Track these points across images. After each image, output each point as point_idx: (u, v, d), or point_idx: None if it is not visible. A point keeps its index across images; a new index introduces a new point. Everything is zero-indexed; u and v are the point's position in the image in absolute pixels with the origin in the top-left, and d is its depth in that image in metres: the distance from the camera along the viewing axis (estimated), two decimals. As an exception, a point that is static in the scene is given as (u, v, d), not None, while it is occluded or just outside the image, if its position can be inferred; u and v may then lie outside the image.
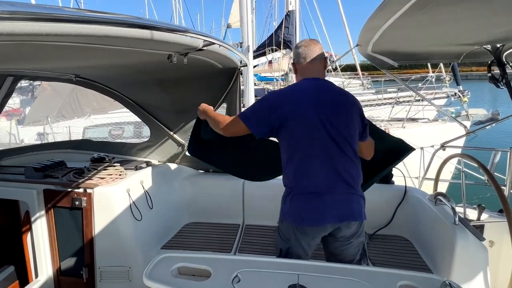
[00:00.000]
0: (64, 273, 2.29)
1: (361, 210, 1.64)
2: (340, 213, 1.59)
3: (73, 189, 2.20)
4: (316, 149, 1.58)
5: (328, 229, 1.63)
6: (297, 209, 1.61)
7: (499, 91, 2.12)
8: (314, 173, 1.58)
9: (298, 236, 1.64)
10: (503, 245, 2.31)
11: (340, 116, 1.61)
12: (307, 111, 1.58)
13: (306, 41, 1.74)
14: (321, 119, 1.57)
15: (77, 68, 2.32)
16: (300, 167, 1.60)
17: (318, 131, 1.57)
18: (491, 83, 2.01)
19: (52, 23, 0.87)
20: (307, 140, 1.58)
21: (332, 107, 1.60)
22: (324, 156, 1.58)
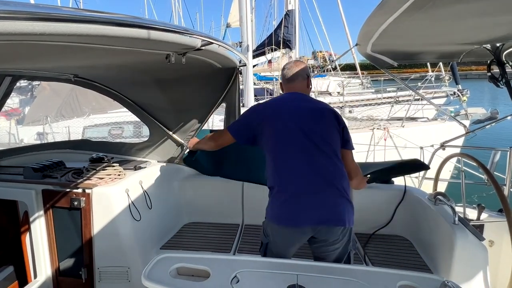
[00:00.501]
0: (63, 274, 2.28)
1: (345, 215, 1.61)
2: (318, 215, 1.59)
3: (72, 189, 2.19)
4: (295, 151, 1.63)
5: (307, 231, 1.62)
6: (275, 209, 1.65)
7: (498, 90, 2.12)
8: (293, 175, 1.62)
9: (274, 234, 1.67)
10: (503, 244, 2.30)
11: (317, 120, 1.69)
12: (285, 118, 1.69)
13: (290, 63, 1.92)
14: (298, 124, 1.66)
15: (75, 68, 2.31)
16: (280, 169, 1.65)
17: (297, 134, 1.64)
18: (490, 83, 2.00)
19: (51, 23, 0.86)
20: (286, 143, 1.65)
21: (309, 113, 1.71)
22: (303, 157, 1.62)
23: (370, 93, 14.05)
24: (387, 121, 7.38)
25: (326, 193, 1.60)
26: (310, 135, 1.64)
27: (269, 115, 1.72)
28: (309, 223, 1.59)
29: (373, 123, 7.16)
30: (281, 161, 1.66)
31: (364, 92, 14.66)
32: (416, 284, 1.35)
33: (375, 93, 13.35)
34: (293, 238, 1.66)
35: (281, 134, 1.67)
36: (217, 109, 2.76)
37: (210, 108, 2.72)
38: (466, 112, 6.82)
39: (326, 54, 29.09)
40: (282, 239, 1.67)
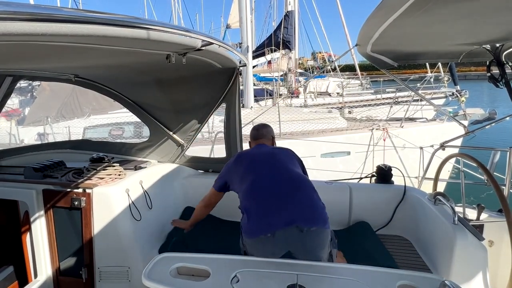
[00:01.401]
0: (63, 273, 2.28)
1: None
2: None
3: (72, 189, 2.19)
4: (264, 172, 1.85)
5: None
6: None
7: (498, 90, 2.12)
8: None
9: None
10: (502, 244, 2.31)
11: (278, 156, 1.95)
12: (250, 160, 1.96)
13: (257, 125, 2.30)
14: (264, 159, 1.93)
15: (76, 68, 2.32)
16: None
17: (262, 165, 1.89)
18: (490, 83, 2.00)
19: (51, 23, 0.87)
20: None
21: (271, 151, 2.01)
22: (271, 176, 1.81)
23: (370, 93, 14.07)
24: (386, 122, 7.39)
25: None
26: (273, 163, 1.91)
27: (238, 161, 2.01)
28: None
29: (372, 123, 7.17)
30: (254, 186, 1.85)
31: (363, 93, 14.68)
32: (415, 284, 1.36)
33: (375, 94, 13.38)
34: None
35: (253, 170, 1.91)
36: (217, 109, 2.76)
37: (210, 108, 2.73)
38: (464, 113, 6.83)
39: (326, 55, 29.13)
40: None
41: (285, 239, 1.62)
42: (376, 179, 2.75)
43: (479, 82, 31.85)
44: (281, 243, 1.63)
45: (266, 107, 7.90)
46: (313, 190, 1.77)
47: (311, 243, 1.64)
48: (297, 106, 11.04)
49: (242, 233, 1.75)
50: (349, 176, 4.37)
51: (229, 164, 2.07)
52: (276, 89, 11.71)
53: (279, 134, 6.51)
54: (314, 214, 1.66)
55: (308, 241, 1.63)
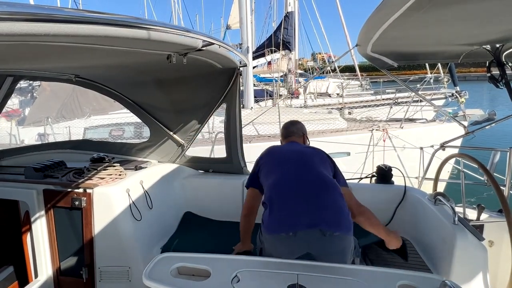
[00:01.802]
0: (64, 273, 2.28)
1: None
2: None
3: (73, 189, 2.20)
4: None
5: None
6: None
7: (497, 91, 2.13)
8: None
9: None
10: (503, 245, 2.31)
11: (308, 156, 1.92)
12: (279, 156, 1.97)
13: (287, 123, 2.30)
14: (293, 156, 1.91)
15: (76, 68, 2.32)
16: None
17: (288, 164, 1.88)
18: (490, 83, 2.01)
19: (51, 24, 0.87)
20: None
21: (301, 150, 1.99)
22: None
23: (369, 94, 14.08)
24: (386, 122, 7.40)
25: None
26: (300, 164, 1.88)
27: (267, 157, 2.01)
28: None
29: (372, 124, 7.18)
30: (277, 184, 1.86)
31: (363, 93, 14.69)
32: (415, 284, 1.36)
33: (374, 95, 13.39)
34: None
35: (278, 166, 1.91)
36: (217, 109, 2.76)
37: (211, 109, 2.73)
38: (464, 114, 6.85)
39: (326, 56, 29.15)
40: None
41: (307, 240, 1.61)
42: (376, 179, 2.75)
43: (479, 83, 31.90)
44: (302, 243, 1.62)
45: (266, 108, 7.90)
46: (340, 196, 1.73)
47: (333, 248, 1.63)
48: (297, 106, 11.05)
49: (262, 228, 1.72)
50: (349, 177, 4.37)
51: (258, 158, 2.06)
52: (276, 90, 11.73)
53: (279, 134, 6.49)
54: (338, 219, 1.63)
55: (329, 246, 1.62)
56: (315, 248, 1.63)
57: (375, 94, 13.47)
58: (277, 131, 6.59)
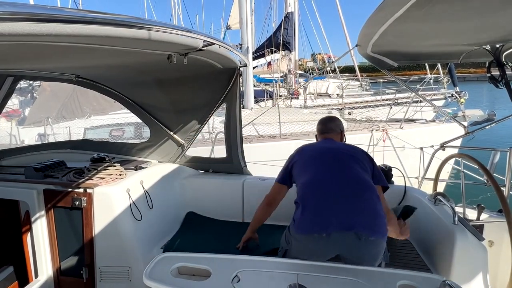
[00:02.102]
0: (64, 273, 2.29)
1: None
2: None
3: (73, 189, 2.20)
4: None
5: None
6: None
7: (497, 92, 2.13)
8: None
9: None
10: (502, 245, 2.31)
11: (345, 154, 1.86)
12: (315, 154, 1.91)
13: (324, 118, 2.21)
14: (329, 155, 1.87)
15: (77, 68, 2.32)
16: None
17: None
18: (490, 83, 2.01)
19: (53, 24, 0.87)
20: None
21: (337, 147, 1.94)
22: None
23: (369, 95, 14.10)
24: (386, 123, 7.41)
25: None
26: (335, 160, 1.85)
27: (301, 155, 1.96)
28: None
29: (372, 124, 7.19)
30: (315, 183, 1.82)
31: (363, 94, 14.71)
32: (416, 284, 1.36)
33: (374, 95, 13.40)
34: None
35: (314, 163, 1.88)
36: (217, 109, 2.77)
37: (211, 109, 2.73)
38: (463, 114, 6.86)
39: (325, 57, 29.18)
40: None
41: (340, 242, 1.58)
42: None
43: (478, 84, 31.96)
44: (334, 245, 1.59)
45: (266, 108, 7.91)
46: (377, 198, 1.68)
47: (367, 252, 1.60)
48: (297, 107, 11.06)
49: (292, 227, 1.67)
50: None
51: (291, 155, 2.00)
52: (276, 90, 11.74)
53: (279, 135, 6.53)
54: (375, 223, 1.59)
55: (363, 250, 1.59)
56: (348, 251, 1.60)
57: (375, 95, 13.48)
58: (277, 132, 6.60)
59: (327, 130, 2.12)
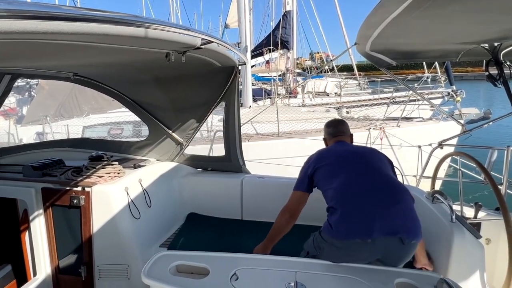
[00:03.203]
0: (62, 272, 2.28)
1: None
2: None
3: (72, 187, 2.19)
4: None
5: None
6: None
7: (493, 91, 2.14)
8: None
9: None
10: (499, 242, 2.32)
11: (370, 157, 1.88)
12: (340, 158, 1.87)
13: (333, 121, 2.24)
14: (354, 158, 1.86)
15: (75, 66, 2.32)
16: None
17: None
18: (488, 82, 2.01)
19: (50, 21, 0.86)
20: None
21: (360, 151, 1.95)
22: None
23: (367, 93, 14.12)
24: (383, 121, 7.43)
25: None
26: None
27: (323, 160, 1.90)
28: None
29: (369, 123, 7.20)
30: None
31: (361, 92, 14.74)
32: (413, 282, 1.37)
33: (372, 94, 13.43)
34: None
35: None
36: (216, 108, 2.77)
37: (209, 107, 2.73)
38: (460, 112, 6.89)
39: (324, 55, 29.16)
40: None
41: (384, 247, 1.57)
42: None
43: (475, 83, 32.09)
44: (378, 250, 1.58)
45: (264, 107, 7.91)
46: (412, 200, 1.71)
47: (406, 255, 1.62)
48: (295, 106, 11.06)
49: (327, 232, 1.63)
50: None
51: (309, 161, 1.93)
52: (274, 89, 11.73)
53: (277, 133, 6.53)
54: (416, 227, 1.62)
55: (404, 253, 1.61)
56: (389, 255, 1.61)
57: (373, 93, 13.52)
58: (275, 130, 6.61)
59: (339, 133, 2.10)
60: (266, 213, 2.66)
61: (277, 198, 2.45)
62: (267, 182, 2.80)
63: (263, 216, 2.68)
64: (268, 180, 2.82)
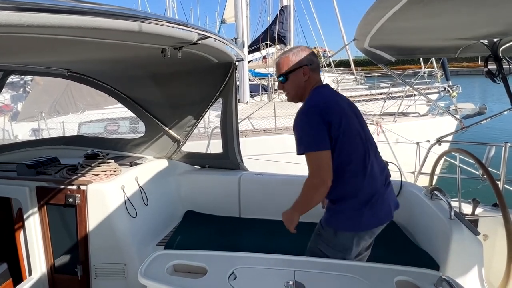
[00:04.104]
0: (58, 271, 2.26)
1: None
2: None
3: (66, 186, 2.17)
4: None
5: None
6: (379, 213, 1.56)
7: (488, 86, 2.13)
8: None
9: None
10: (497, 238, 2.33)
11: (361, 117, 1.67)
12: (350, 116, 1.56)
13: (304, 50, 1.64)
14: (353, 118, 1.59)
15: (69, 63, 2.28)
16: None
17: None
18: (487, 78, 2.00)
19: (34, 14, 0.80)
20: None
21: (350, 104, 1.66)
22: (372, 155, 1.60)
23: (364, 89, 14.12)
24: (380, 116, 7.45)
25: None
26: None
27: (340, 116, 1.51)
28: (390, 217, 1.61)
29: (366, 118, 7.21)
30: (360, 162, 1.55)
31: (357, 88, 14.74)
32: (413, 280, 1.36)
33: (369, 89, 13.43)
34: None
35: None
36: (213, 104, 2.74)
37: (207, 104, 2.70)
38: (455, 108, 6.92)
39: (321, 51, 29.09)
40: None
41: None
42: None
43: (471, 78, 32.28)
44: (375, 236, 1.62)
45: (262, 102, 7.90)
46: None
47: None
48: (293, 101, 11.00)
49: (354, 225, 1.50)
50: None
51: (317, 111, 1.48)
52: (271, 84, 11.69)
53: (275, 129, 6.53)
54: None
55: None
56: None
57: (370, 89, 13.51)
58: (272, 126, 6.60)
59: (319, 69, 1.67)
60: (264, 210, 2.65)
61: (275, 196, 2.44)
62: (264, 179, 2.79)
63: (261, 213, 2.67)
64: (266, 177, 2.81)
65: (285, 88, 1.67)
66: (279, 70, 1.65)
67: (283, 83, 1.66)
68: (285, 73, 1.62)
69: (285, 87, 1.67)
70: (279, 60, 1.64)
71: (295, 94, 1.68)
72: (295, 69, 1.60)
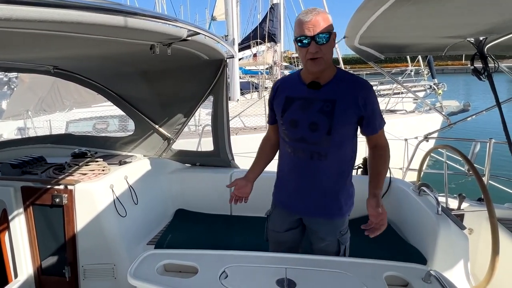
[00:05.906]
0: (45, 272, 2.22)
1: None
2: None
3: (53, 185, 2.12)
4: None
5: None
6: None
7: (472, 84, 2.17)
8: None
9: None
10: (481, 232, 2.39)
11: None
12: None
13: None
14: None
15: (55, 59, 2.22)
16: None
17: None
18: (473, 75, 2.04)
19: (10, 6, 0.75)
20: None
21: None
22: None
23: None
24: None
25: None
26: None
27: None
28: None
29: None
30: None
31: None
32: (402, 275, 1.38)
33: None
34: None
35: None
36: (204, 102, 2.72)
37: (197, 101, 2.68)
38: (441, 105, 7.07)
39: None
40: None
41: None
42: (362, 171, 2.78)
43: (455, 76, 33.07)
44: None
45: (252, 100, 7.89)
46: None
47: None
48: (283, 99, 11.02)
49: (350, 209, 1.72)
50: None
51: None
52: (261, 82, 11.68)
53: (265, 126, 6.54)
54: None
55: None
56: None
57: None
58: (263, 124, 6.60)
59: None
60: (255, 208, 2.65)
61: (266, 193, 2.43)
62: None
63: (252, 211, 2.66)
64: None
65: (323, 50, 1.36)
66: (319, 27, 1.32)
67: (321, 45, 1.34)
68: (330, 32, 1.35)
69: (322, 49, 1.35)
70: (313, 17, 1.33)
71: (328, 60, 1.42)
72: (333, 32, 1.38)
